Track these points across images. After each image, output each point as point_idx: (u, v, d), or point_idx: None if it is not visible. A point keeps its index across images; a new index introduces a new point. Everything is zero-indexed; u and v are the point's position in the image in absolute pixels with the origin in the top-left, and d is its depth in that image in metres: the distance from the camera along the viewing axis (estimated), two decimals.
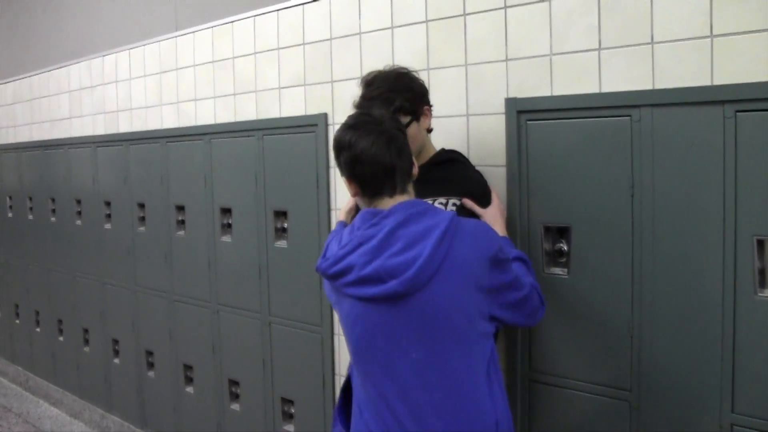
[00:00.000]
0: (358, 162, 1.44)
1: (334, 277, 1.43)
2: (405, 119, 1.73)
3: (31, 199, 4.45)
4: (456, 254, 1.37)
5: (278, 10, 2.61)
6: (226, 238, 2.89)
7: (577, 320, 1.82)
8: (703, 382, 1.61)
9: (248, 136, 2.74)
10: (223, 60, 2.87)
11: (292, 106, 2.58)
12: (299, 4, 2.52)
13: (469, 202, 1.75)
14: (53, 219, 4.20)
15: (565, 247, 1.84)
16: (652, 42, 1.66)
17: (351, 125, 1.48)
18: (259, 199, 2.70)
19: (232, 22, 2.82)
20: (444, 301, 1.37)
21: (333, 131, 2.18)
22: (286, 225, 2.63)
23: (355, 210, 1.80)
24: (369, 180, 1.45)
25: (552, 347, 1.88)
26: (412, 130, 1.74)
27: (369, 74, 1.78)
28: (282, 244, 2.64)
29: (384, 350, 1.40)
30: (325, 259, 1.45)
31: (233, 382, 2.94)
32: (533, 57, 1.87)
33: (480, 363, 1.41)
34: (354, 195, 1.50)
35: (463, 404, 1.39)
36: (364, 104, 1.71)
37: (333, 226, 2.41)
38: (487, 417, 1.40)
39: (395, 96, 1.72)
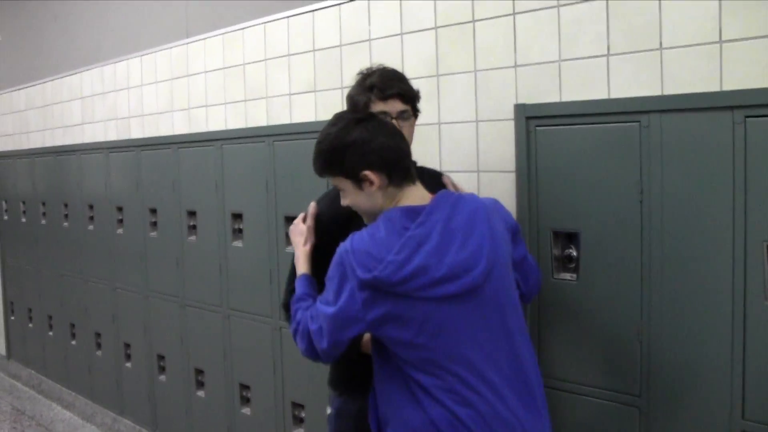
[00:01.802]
0: (387, 150, 1.45)
1: (399, 283, 1.35)
2: (409, 109, 1.71)
3: (44, 204, 4.49)
4: (497, 233, 1.45)
5: (288, 17, 2.63)
6: (238, 244, 2.91)
7: (586, 325, 1.82)
8: (713, 388, 1.61)
9: (259, 142, 2.75)
10: (233, 66, 2.90)
11: (303, 112, 2.60)
12: (309, 11, 2.54)
13: (447, 179, 1.83)
14: (66, 224, 4.23)
15: (575, 253, 1.84)
16: (661, 48, 1.66)
17: (355, 120, 1.48)
18: (270, 205, 2.72)
19: (243, 29, 2.84)
20: (502, 281, 1.44)
21: None
22: None
23: (311, 258, 1.68)
24: (399, 168, 1.46)
25: (561, 352, 1.88)
26: (413, 122, 1.75)
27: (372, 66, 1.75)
28: (293, 249, 2.65)
29: (458, 341, 1.39)
30: (378, 269, 1.35)
31: (244, 387, 2.96)
32: (542, 63, 1.88)
33: (525, 328, 1.51)
34: (377, 188, 1.45)
35: (529, 381, 1.45)
36: (386, 82, 1.67)
37: None
38: (539, 374, 1.50)
39: (411, 84, 1.74)
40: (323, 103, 2.51)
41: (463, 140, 2.07)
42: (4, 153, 4.99)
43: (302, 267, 1.67)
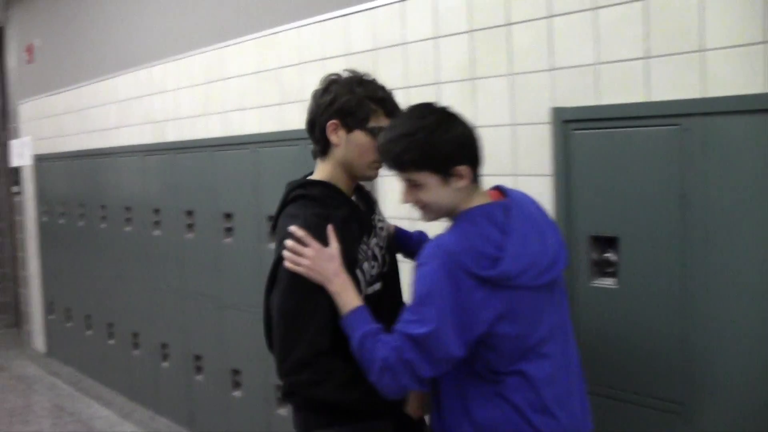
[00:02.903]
0: (477, 146, 1.47)
1: (518, 275, 1.36)
2: None
3: (81, 206, 4.59)
4: None
5: (322, 21, 2.64)
6: (274, 246, 2.92)
7: (627, 331, 1.80)
8: (759, 398, 1.58)
9: (294, 146, 2.77)
10: (268, 70, 2.92)
11: None
12: (343, 15, 2.55)
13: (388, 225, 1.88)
14: (103, 226, 4.32)
15: (613, 257, 1.82)
16: (703, 49, 1.63)
17: (446, 113, 1.46)
18: None
19: (276, 33, 2.86)
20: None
21: None
22: None
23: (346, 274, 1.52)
24: (480, 164, 1.48)
25: (601, 358, 1.86)
26: None
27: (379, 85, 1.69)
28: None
29: (547, 324, 1.44)
30: (501, 264, 1.34)
31: (280, 387, 2.98)
32: (579, 66, 1.86)
33: None
34: (465, 184, 1.42)
35: (579, 359, 1.55)
36: (394, 102, 1.67)
37: None
38: None
39: None
40: None
41: (499, 144, 2.06)
42: (43, 156, 5.11)
43: (354, 298, 1.49)
